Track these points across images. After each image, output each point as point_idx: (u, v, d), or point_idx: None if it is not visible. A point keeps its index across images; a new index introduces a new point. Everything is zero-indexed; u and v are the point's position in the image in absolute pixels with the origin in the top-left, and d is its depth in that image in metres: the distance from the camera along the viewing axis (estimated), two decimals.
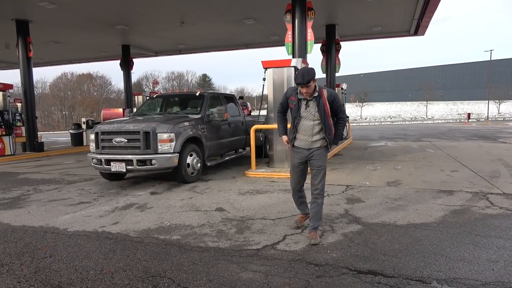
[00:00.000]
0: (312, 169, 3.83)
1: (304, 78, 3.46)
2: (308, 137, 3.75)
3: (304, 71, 3.50)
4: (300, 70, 3.54)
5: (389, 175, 7.46)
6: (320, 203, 3.76)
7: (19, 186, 7.42)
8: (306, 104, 3.69)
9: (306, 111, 3.70)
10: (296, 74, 3.54)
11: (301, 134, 3.78)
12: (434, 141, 15.20)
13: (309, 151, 3.79)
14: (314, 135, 3.74)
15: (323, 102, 3.62)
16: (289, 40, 9.80)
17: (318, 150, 3.77)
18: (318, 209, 3.76)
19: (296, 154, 3.89)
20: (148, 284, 2.96)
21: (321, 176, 3.76)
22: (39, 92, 56.79)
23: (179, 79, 74.64)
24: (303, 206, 4.20)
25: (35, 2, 11.07)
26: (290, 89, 3.84)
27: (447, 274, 2.98)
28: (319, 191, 3.76)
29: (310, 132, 3.74)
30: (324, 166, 3.79)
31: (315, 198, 3.77)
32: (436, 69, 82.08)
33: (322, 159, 3.78)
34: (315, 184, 3.78)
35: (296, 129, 3.80)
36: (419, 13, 13.53)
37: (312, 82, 3.52)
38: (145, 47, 19.60)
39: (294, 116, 3.76)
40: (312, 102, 3.67)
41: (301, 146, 3.81)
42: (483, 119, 45.68)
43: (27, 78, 13.89)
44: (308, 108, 3.69)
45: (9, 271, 3.30)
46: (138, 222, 4.68)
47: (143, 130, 6.66)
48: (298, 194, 4.10)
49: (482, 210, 4.80)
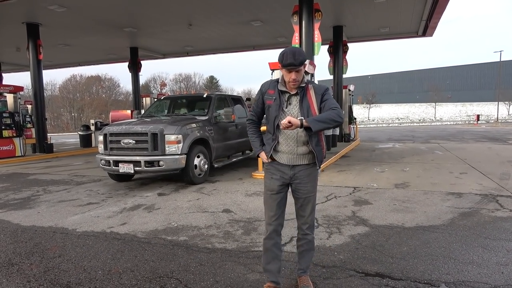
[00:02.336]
0: (298, 198, 2.76)
1: (296, 57, 2.47)
2: (292, 148, 2.66)
3: (294, 50, 2.52)
4: (288, 49, 2.54)
5: (397, 177, 7.41)
6: (311, 240, 2.81)
7: (29, 187, 7.51)
8: (288, 100, 2.66)
9: (287, 110, 2.64)
10: (283, 54, 2.51)
11: (284, 145, 2.68)
12: (443, 143, 15.06)
13: (293, 169, 2.69)
14: (300, 146, 2.65)
15: (308, 99, 2.61)
16: (296, 41, 9.81)
17: (306, 170, 2.69)
18: (309, 246, 2.81)
19: (274, 173, 2.73)
20: (156, 285, 2.97)
21: (311, 206, 2.75)
22: (48, 94, 57.47)
23: (187, 81, 74.99)
24: (275, 265, 2.76)
25: (45, 6, 11.22)
26: (267, 83, 2.78)
27: (456, 277, 2.96)
28: (309, 225, 2.79)
29: (294, 142, 2.65)
30: (314, 193, 2.76)
31: (304, 234, 2.79)
32: (445, 70, 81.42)
33: (312, 182, 2.72)
34: (305, 217, 2.77)
35: (277, 136, 2.69)
36: (427, 14, 13.43)
37: (303, 67, 2.56)
38: (153, 49, 19.73)
39: (274, 116, 2.65)
40: (295, 98, 2.65)
41: (282, 161, 2.70)
42: (493, 121, 45.17)
43: (37, 81, 14.07)
44: (290, 106, 2.65)
45: (19, 270, 3.35)
46: (146, 223, 4.71)
47: (151, 131, 6.70)
48: (275, 239, 2.75)
49: (491, 212, 4.75)
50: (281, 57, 2.52)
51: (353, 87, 16.46)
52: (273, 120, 2.66)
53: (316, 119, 2.45)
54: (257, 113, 2.86)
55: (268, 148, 2.73)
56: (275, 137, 2.69)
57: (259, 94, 2.80)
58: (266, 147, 2.77)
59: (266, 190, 2.80)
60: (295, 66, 2.49)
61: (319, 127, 2.43)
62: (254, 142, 2.85)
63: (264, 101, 2.73)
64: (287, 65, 2.50)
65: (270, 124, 2.70)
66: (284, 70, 2.55)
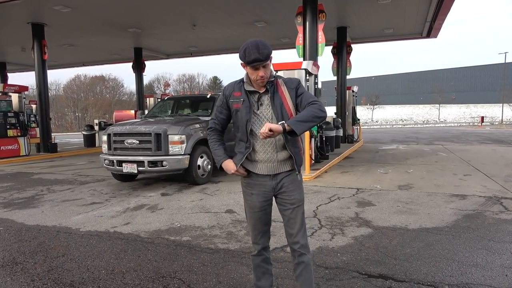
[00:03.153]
0: (285, 210, 2.31)
1: (261, 50, 2.10)
2: (271, 155, 2.25)
3: (257, 42, 2.14)
4: (249, 42, 2.15)
5: (401, 179, 7.39)
6: (307, 263, 2.29)
7: (33, 186, 7.55)
8: (258, 101, 2.26)
9: (259, 112, 2.25)
10: (245, 49, 2.13)
11: (261, 152, 2.25)
12: (447, 145, 15.00)
13: (275, 179, 2.28)
14: (280, 152, 2.26)
15: (280, 95, 2.24)
16: (300, 42, 9.81)
17: (288, 177, 2.29)
18: (307, 273, 2.31)
19: (254, 187, 2.32)
20: (159, 285, 2.98)
21: (300, 219, 2.29)
22: (53, 94, 57.72)
23: (190, 81, 75.13)
24: (267, 281, 2.46)
25: (50, 6, 11.29)
26: (230, 85, 2.36)
27: (459, 279, 2.94)
28: (301, 245, 2.28)
29: (273, 148, 2.25)
30: (302, 203, 2.32)
31: (300, 256, 2.28)
32: (449, 71, 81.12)
33: (298, 189, 2.31)
34: (293, 235, 2.29)
35: (252, 144, 2.26)
36: (431, 15, 13.40)
37: (270, 61, 2.19)
38: (157, 50, 19.80)
39: (245, 120, 2.23)
40: (266, 97, 2.26)
41: (261, 172, 2.28)
42: (497, 123, 44.93)
43: (42, 80, 14.16)
44: (262, 107, 2.25)
45: (23, 269, 3.37)
46: (149, 223, 4.73)
47: (155, 131, 6.72)
48: (262, 255, 2.43)
49: (495, 215, 4.72)
50: (243, 53, 2.13)
51: (356, 88, 16.43)
52: (244, 125, 2.23)
53: (298, 120, 2.09)
54: (220, 121, 2.38)
55: (240, 156, 2.27)
56: (249, 145, 2.25)
57: (222, 99, 2.34)
58: (236, 156, 2.30)
59: (247, 207, 2.40)
60: (261, 62, 2.12)
61: (304, 128, 2.09)
62: (217, 150, 2.35)
63: (230, 106, 2.30)
64: (252, 62, 2.11)
65: (241, 130, 2.26)
66: (249, 68, 2.16)
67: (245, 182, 2.36)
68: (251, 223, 2.39)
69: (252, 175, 2.31)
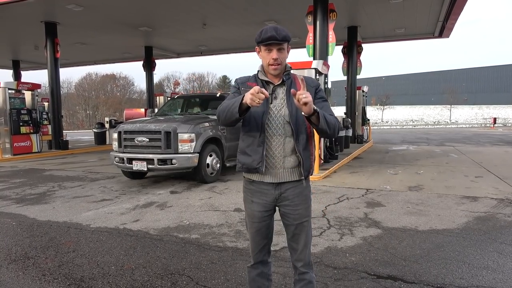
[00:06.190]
0: (288, 225, 2.10)
1: (279, 32, 1.91)
2: (278, 160, 2.00)
3: (276, 25, 1.98)
4: (268, 25, 1.98)
5: (411, 180, 7.32)
6: (309, 280, 2.11)
7: (45, 183, 7.66)
8: (273, 93, 2.01)
9: (273, 105, 2.00)
10: (262, 30, 1.94)
11: (269, 157, 2.01)
12: (458, 146, 14.81)
13: (278, 188, 2.04)
14: (288, 156, 2.00)
15: (297, 89, 1.88)
16: (310, 42, 9.77)
17: (295, 188, 2.04)
18: None
19: (255, 195, 2.11)
20: (167, 281, 3.00)
21: (305, 236, 2.08)
22: (65, 92, 58.43)
23: (200, 80, 75.35)
24: None
25: (63, 5, 11.43)
26: (244, 76, 2.13)
27: (469, 281, 2.91)
28: (304, 263, 2.10)
29: (281, 150, 1.99)
30: (308, 218, 2.09)
31: (301, 274, 2.11)
32: (461, 72, 80.00)
33: (304, 203, 2.07)
34: (297, 251, 2.10)
35: (265, 140, 1.98)
36: (444, 14, 13.23)
37: (287, 48, 1.99)
38: (167, 49, 19.91)
39: (261, 113, 1.96)
40: (281, 90, 2.02)
41: (265, 179, 2.04)
42: (510, 124, 44.20)
43: (54, 78, 14.33)
44: (276, 101, 2.00)
45: (35, 264, 3.42)
46: (158, 220, 4.76)
47: (164, 130, 6.77)
48: (258, 269, 2.19)
49: (507, 217, 4.65)
50: (259, 33, 1.93)
51: (367, 88, 16.31)
52: (260, 117, 1.95)
53: (324, 115, 1.88)
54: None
55: (258, 156, 1.97)
56: (263, 140, 1.96)
57: (235, 89, 2.09)
58: (253, 156, 1.98)
59: (247, 215, 2.18)
60: (276, 41, 1.90)
61: (323, 124, 1.87)
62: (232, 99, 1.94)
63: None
64: (266, 39, 1.90)
65: (254, 123, 1.97)
66: (263, 49, 1.95)
67: (246, 187, 2.16)
68: (250, 233, 2.17)
69: (254, 181, 2.09)
